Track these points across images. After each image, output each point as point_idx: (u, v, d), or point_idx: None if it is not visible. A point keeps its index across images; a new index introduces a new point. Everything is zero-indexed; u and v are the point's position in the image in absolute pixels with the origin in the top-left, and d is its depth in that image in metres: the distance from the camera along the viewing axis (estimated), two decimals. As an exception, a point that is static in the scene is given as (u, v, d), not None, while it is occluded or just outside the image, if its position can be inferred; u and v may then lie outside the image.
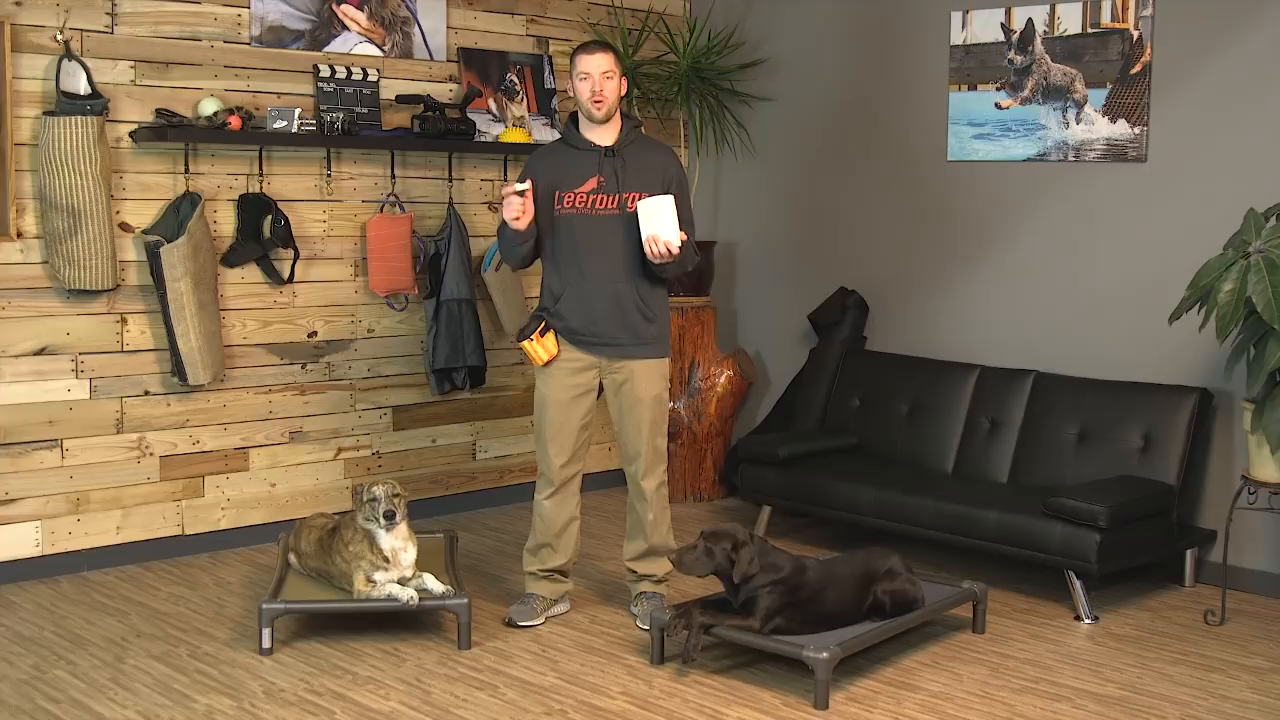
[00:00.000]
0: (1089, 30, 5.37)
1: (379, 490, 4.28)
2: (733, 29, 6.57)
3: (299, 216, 5.48)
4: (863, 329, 6.18)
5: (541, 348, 4.42)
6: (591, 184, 4.36)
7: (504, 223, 4.37)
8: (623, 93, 4.42)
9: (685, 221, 4.35)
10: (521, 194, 4.26)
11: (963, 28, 5.76)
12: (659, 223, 4.24)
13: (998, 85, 5.67)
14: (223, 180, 5.29)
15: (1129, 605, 4.87)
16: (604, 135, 4.41)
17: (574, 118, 4.47)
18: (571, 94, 4.45)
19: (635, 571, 4.65)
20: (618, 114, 4.43)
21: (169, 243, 4.94)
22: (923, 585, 4.35)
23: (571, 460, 4.51)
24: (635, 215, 4.32)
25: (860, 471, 5.45)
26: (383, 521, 4.26)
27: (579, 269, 4.38)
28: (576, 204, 4.37)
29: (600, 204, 4.37)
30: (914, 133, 5.98)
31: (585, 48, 4.39)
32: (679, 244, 4.26)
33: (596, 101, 4.33)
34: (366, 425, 5.78)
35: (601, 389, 4.52)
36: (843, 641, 3.93)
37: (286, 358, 5.53)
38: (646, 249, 4.27)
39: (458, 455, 6.12)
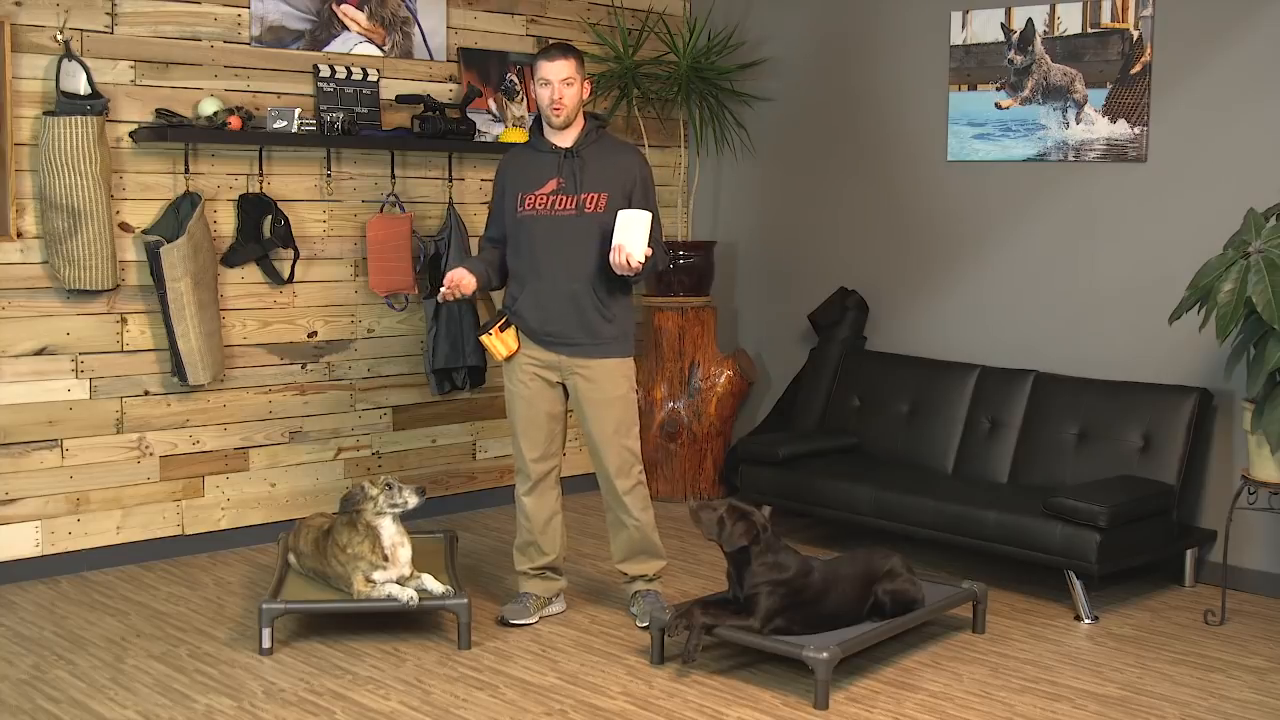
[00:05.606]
0: (1089, 30, 5.37)
1: (375, 488, 4.30)
2: (733, 29, 6.57)
3: (299, 216, 5.48)
4: (863, 329, 6.17)
5: (501, 343, 4.47)
6: (551, 185, 4.40)
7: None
8: (585, 97, 4.44)
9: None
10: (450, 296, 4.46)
11: (963, 28, 5.76)
12: (630, 234, 4.27)
13: (998, 85, 5.67)
14: (223, 180, 5.29)
15: (1129, 605, 4.87)
16: (565, 137, 4.44)
17: (538, 120, 4.51)
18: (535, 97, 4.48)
19: (626, 574, 4.66)
20: (580, 116, 4.45)
21: (169, 243, 4.94)
22: (923, 585, 4.35)
23: (544, 455, 4.53)
24: (593, 216, 4.38)
25: (860, 471, 5.44)
26: (413, 501, 4.29)
27: (536, 269, 4.42)
28: (537, 206, 4.41)
29: (559, 205, 4.40)
30: (914, 133, 5.98)
31: (546, 53, 4.40)
32: (640, 260, 4.27)
33: (555, 109, 4.36)
34: (366, 425, 5.78)
35: (567, 392, 4.55)
36: (843, 641, 3.93)
37: (286, 358, 5.53)
38: (611, 256, 4.30)
39: (458, 455, 6.11)
